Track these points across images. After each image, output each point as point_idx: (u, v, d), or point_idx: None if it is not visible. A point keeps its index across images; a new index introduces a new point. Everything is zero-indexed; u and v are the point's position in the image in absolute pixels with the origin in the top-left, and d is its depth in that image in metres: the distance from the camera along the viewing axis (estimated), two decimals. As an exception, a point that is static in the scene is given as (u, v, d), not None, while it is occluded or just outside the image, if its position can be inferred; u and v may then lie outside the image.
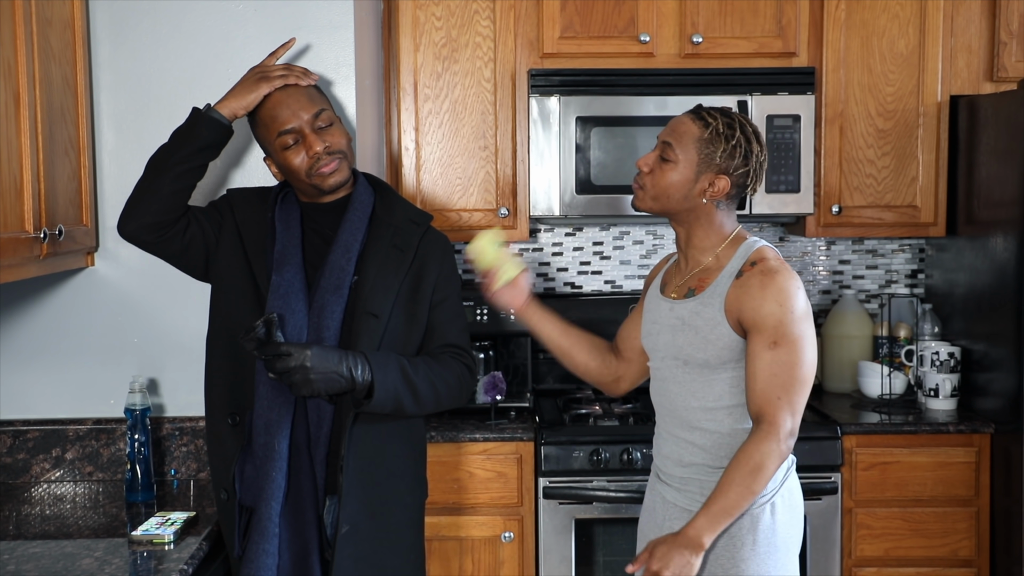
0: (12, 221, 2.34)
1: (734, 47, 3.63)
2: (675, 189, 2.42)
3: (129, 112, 2.93)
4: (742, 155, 2.40)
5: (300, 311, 2.40)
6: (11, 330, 2.94)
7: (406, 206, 2.59)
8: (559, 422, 3.47)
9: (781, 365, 2.31)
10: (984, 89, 3.66)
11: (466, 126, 3.66)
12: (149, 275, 2.93)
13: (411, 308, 2.49)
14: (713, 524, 2.27)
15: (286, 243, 2.46)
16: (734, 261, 2.43)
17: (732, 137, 2.39)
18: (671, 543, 2.25)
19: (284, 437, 2.37)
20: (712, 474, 2.40)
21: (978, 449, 3.40)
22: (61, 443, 2.93)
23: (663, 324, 2.50)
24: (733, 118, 2.42)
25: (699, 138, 2.40)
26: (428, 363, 2.45)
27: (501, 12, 3.62)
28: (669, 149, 2.42)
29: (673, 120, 2.47)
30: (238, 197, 2.59)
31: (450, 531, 3.35)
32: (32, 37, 2.45)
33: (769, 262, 2.39)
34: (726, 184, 2.40)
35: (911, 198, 3.69)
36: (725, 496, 2.27)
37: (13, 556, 2.30)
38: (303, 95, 2.47)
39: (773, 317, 2.32)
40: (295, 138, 2.43)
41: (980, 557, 3.42)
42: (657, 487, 2.55)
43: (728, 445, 2.41)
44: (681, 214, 2.46)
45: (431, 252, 2.54)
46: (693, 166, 2.40)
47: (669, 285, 2.56)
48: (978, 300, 3.57)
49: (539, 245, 4.09)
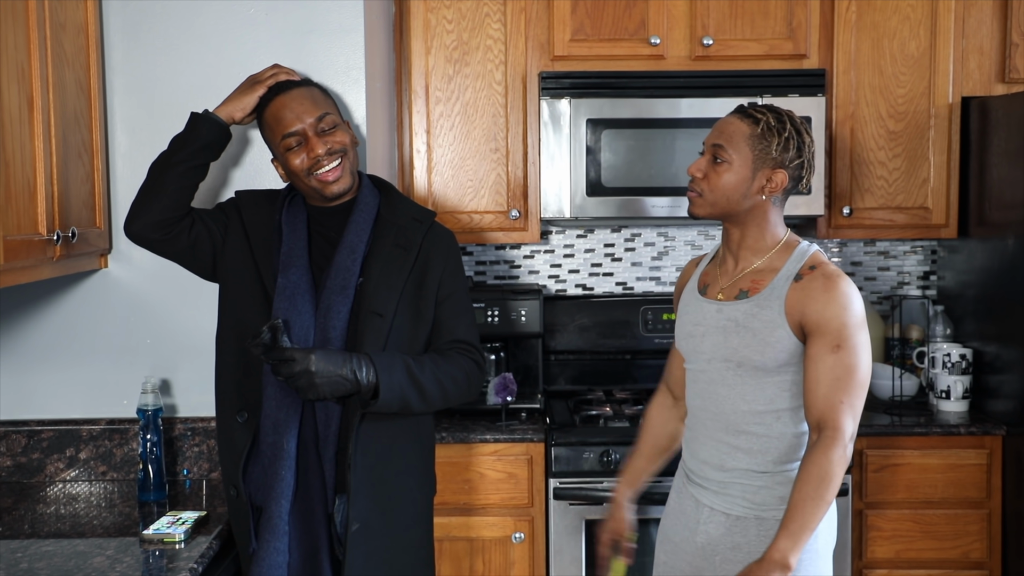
0: (26, 223, 2.37)
1: (744, 49, 3.63)
2: (733, 189, 2.40)
3: (142, 115, 2.95)
4: (795, 147, 2.39)
5: (307, 312, 2.43)
6: (26, 331, 2.97)
7: (409, 205, 2.61)
8: (570, 423, 3.48)
9: (844, 369, 2.29)
10: (996, 90, 3.65)
11: (477, 128, 3.67)
12: (162, 277, 2.96)
13: (417, 305, 2.50)
14: (796, 542, 2.22)
15: (292, 245, 2.49)
16: (790, 264, 2.41)
17: (784, 130, 2.38)
18: (758, 570, 2.22)
19: (292, 436, 2.39)
20: (755, 478, 2.39)
21: (989, 451, 3.40)
22: (75, 443, 2.96)
23: (709, 326, 2.46)
24: (780, 112, 2.42)
25: (751, 135, 2.39)
26: (435, 361, 2.46)
27: (512, 15, 3.64)
28: (721, 150, 2.40)
29: (719, 123, 2.46)
30: (246, 198, 2.62)
31: (461, 531, 3.36)
32: (45, 42, 2.48)
33: (828, 267, 2.38)
34: (784, 177, 2.39)
35: (922, 200, 3.68)
36: (802, 512, 2.23)
37: (26, 554, 2.33)
38: (308, 98, 2.49)
39: (837, 320, 2.30)
40: (298, 140, 2.46)
41: (992, 559, 3.42)
42: (689, 489, 2.53)
43: (775, 449, 2.39)
44: (740, 215, 2.43)
45: (435, 248, 2.56)
46: (749, 164, 2.39)
47: (713, 286, 2.52)
48: (990, 302, 3.57)
49: (551, 247, 4.10)
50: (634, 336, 3.98)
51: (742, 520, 2.40)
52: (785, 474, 2.39)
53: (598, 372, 4.02)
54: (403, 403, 2.38)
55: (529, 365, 3.81)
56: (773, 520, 2.37)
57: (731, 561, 2.40)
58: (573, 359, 4.03)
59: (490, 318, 3.67)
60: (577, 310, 4.00)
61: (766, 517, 2.38)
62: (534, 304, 3.68)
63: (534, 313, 3.69)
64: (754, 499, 2.40)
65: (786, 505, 2.31)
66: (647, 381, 3.97)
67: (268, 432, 2.41)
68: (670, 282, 4.11)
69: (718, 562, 2.42)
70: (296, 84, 2.53)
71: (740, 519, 2.40)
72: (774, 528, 2.35)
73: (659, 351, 3.95)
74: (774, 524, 2.36)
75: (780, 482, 2.39)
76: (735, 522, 2.41)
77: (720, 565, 2.42)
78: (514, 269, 4.10)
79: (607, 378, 4.01)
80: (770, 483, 2.39)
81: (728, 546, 2.41)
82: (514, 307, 3.67)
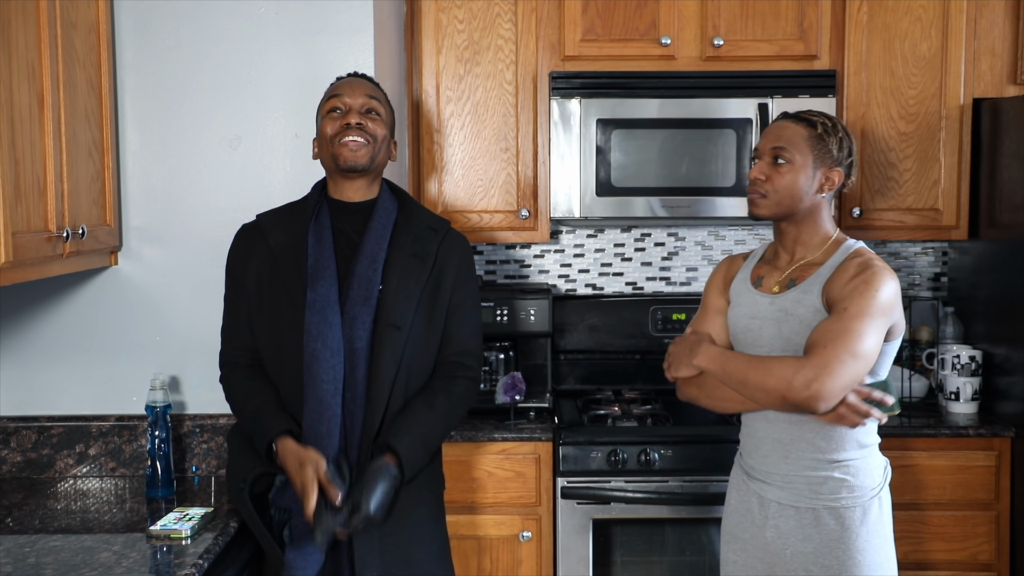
0: (35, 220, 2.38)
1: (755, 50, 3.63)
2: (796, 188, 2.52)
3: (153, 114, 2.98)
4: (847, 146, 2.56)
5: (336, 324, 2.46)
6: (36, 328, 2.99)
7: (424, 213, 2.65)
8: (578, 423, 3.48)
9: (842, 328, 2.34)
10: (1007, 92, 3.64)
11: (488, 128, 3.68)
12: (172, 274, 2.99)
13: (431, 315, 2.55)
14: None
15: (318, 257, 2.52)
16: (836, 256, 2.53)
17: (838, 131, 2.55)
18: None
19: (336, 448, 2.44)
20: (821, 468, 2.46)
21: (998, 453, 3.39)
22: (84, 439, 2.98)
23: (765, 318, 2.54)
24: (828, 116, 2.57)
25: (810, 136, 2.52)
26: (444, 408, 2.52)
27: (523, 15, 3.64)
28: (783, 152, 2.52)
29: (773, 128, 2.58)
30: (268, 222, 2.62)
31: (468, 530, 3.37)
32: (56, 40, 2.50)
33: (870, 258, 2.49)
34: (840, 175, 2.54)
35: (933, 201, 3.68)
36: (737, 357, 2.47)
37: (34, 549, 2.35)
38: (367, 85, 2.61)
39: (855, 293, 2.38)
40: (341, 111, 2.56)
41: (1000, 561, 3.41)
42: (751, 486, 2.58)
43: (837, 435, 2.45)
44: (800, 213, 2.55)
45: (449, 256, 2.60)
46: (810, 163, 2.52)
47: (767, 280, 2.61)
48: (1000, 304, 3.56)
49: (561, 247, 4.11)
50: (644, 336, 3.98)
51: (812, 511, 2.47)
52: (848, 464, 2.46)
53: (607, 372, 4.02)
54: (422, 466, 2.52)
55: (538, 364, 3.81)
56: (844, 508, 2.45)
57: (802, 553, 2.47)
58: (583, 358, 4.03)
59: (499, 317, 3.68)
60: (587, 310, 4.00)
61: (836, 506, 2.45)
62: (543, 304, 3.69)
63: (543, 312, 3.69)
64: (821, 489, 2.46)
65: (854, 493, 2.44)
66: (656, 381, 3.96)
67: (310, 442, 2.45)
68: (680, 282, 4.11)
69: (789, 555, 2.49)
70: (363, 76, 2.67)
71: (810, 510, 2.47)
72: (847, 516, 2.44)
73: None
74: (845, 512, 2.45)
75: (844, 471, 2.46)
76: (804, 514, 2.47)
77: (791, 559, 2.49)
78: (524, 268, 4.11)
79: (616, 378, 4.01)
80: (836, 472, 2.46)
81: (799, 538, 2.48)
82: (523, 307, 3.68)
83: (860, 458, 2.47)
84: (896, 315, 2.45)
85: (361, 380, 2.45)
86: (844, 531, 2.44)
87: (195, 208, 2.99)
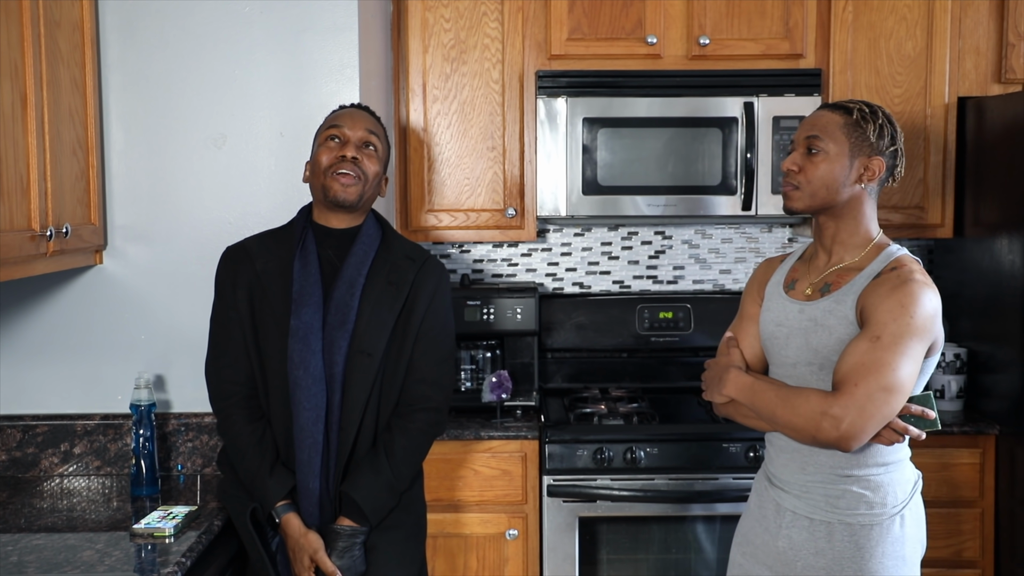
0: (18, 219, 2.39)
1: (741, 49, 3.64)
2: (833, 179, 2.36)
3: (138, 112, 2.98)
4: (890, 134, 2.38)
5: (318, 351, 2.49)
6: (22, 326, 2.99)
7: (403, 243, 2.67)
8: (564, 421, 3.49)
9: (874, 361, 2.19)
10: (992, 91, 3.65)
11: (474, 127, 3.69)
12: (157, 273, 2.99)
13: (402, 343, 2.57)
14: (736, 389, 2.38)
15: (303, 283, 2.53)
16: (875, 264, 2.35)
17: (877, 117, 2.38)
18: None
19: (316, 476, 2.52)
20: (838, 481, 2.34)
21: (983, 451, 3.40)
22: (69, 438, 2.98)
23: (792, 327, 2.41)
24: (867, 103, 2.40)
25: (845, 123, 2.37)
26: (403, 449, 2.55)
27: (509, 14, 3.65)
28: (817, 141, 2.38)
29: (810, 117, 2.44)
30: (256, 247, 2.63)
31: (455, 528, 3.38)
32: (40, 39, 2.51)
33: (909, 270, 2.30)
34: (881, 164, 2.37)
35: (918, 199, 3.69)
36: (767, 390, 2.32)
37: (16, 547, 2.35)
38: (368, 120, 2.63)
39: (888, 315, 2.21)
40: (339, 141, 2.57)
41: (984, 558, 3.42)
42: (771, 493, 2.47)
43: (857, 451, 2.31)
44: (837, 207, 2.39)
45: (424, 284, 2.61)
46: (846, 152, 2.36)
47: (802, 281, 2.47)
48: (985, 302, 3.57)
49: (548, 245, 4.11)
50: (631, 334, 3.99)
51: (826, 525, 2.35)
52: (869, 479, 2.33)
53: (594, 370, 4.03)
54: (393, 505, 2.58)
55: (525, 363, 3.82)
56: (860, 526, 2.32)
57: (813, 567, 2.35)
58: (570, 357, 4.04)
59: (486, 316, 3.68)
60: (574, 308, 4.01)
61: (851, 523, 2.33)
62: (530, 302, 3.70)
63: (530, 311, 3.70)
64: (838, 503, 2.34)
65: (874, 510, 2.31)
66: (643, 379, 3.98)
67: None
68: (667, 281, 4.12)
69: (800, 568, 2.38)
70: (366, 109, 2.68)
71: (824, 524, 2.35)
72: (861, 533, 2.31)
73: (655, 349, 3.97)
74: (861, 530, 2.32)
75: (864, 486, 2.33)
76: (818, 527, 2.36)
77: (802, 572, 2.37)
78: (511, 267, 4.12)
79: (603, 376, 4.02)
80: (854, 487, 2.33)
81: (811, 551, 2.36)
82: (510, 305, 3.68)
83: (883, 473, 2.33)
84: (936, 331, 2.28)
85: (337, 406, 2.50)
86: (857, 550, 2.31)
87: (180, 207, 2.99)
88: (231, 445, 2.57)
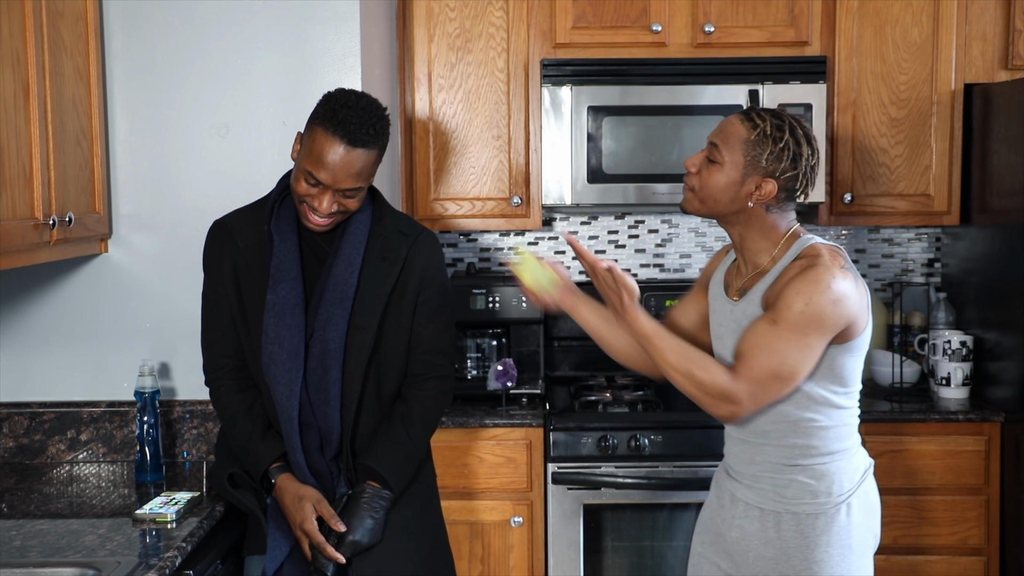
0: (21, 208, 2.41)
1: (746, 36, 3.64)
2: (721, 192, 2.33)
3: (142, 102, 3.00)
4: (790, 158, 2.30)
5: (297, 326, 2.47)
6: (28, 315, 3.02)
7: (396, 217, 2.62)
8: (569, 408, 3.50)
9: (769, 344, 2.23)
10: (999, 77, 3.64)
11: (479, 116, 3.69)
12: (161, 261, 3.01)
13: (399, 317, 2.56)
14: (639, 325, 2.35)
15: (282, 258, 2.49)
16: (786, 257, 2.34)
17: (780, 139, 2.30)
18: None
19: (297, 450, 2.50)
20: (785, 471, 2.35)
21: (988, 438, 3.40)
22: (76, 425, 3.01)
23: (728, 327, 2.42)
24: (783, 120, 2.32)
25: (746, 140, 2.31)
26: (419, 418, 2.56)
27: (514, 2, 3.65)
28: (715, 150, 2.34)
29: (723, 120, 2.40)
30: (237, 224, 2.58)
31: (460, 515, 3.39)
32: (42, 30, 2.52)
33: (816, 255, 2.29)
34: (773, 188, 2.31)
35: (924, 187, 3.68)
36: (664, 341, 2.31)
37: (20, 532, 2.38)
38: (359, 166, 2.38)
39: (788, 300, 2.22)
40: (318, 187, 2.39)
41: (990, 545, 3.42)
42: (726, 484, 2.48)
43: (804, 439, 2.33)
44: (730, 216, 2.38)
45: (417, 256, 2.58)
46: (739, 168, 2.31)
47: (731, 287, 2.47)
48: (991, 289, 3.56)
49: (554, 234, 4.12)
50: (637, 323, 3.98)
51: (775, 515, 2.35)
52: (815, 468, 2.33)
53: (601, 358, 3.95)
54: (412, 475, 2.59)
55: (531, 351, 3.83)
56: (805, 515, 2.33)
57: (763, 557, 2.36)
58: (576, 345, 4.04)
59: (492, 304, 3.69)
60: (580, 297, 4.00)
61: (797, 512, 2.33)
62: (535, 290, 3.70)
63: (535, 299, 3.70)
64: (785, 493, 2.35)
65: (818, 499, 2.32)
66: (650, 367, 3.98)
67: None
68: (674, 269, 4.12)
69: (752, 558, 2.39)
70: (366, 143, 2.39)
71: (773, 514, 2.36)
72: (810, 524, 2.32)
73: (661, 338, 3.96)
74: (807, 519, 2.32)
75: (810, 475, 2.33)
76: (768, 516, 2.36)
77: (754, 562, 2.38)
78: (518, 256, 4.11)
79: (610, 364, 3.97)
80: (800, 476, 2.33)
81: (761, 541, 2.37)
82: (515, 293, 3.68)
83: (829, 462, 2.33)
84: (844, 316, 2.24)
85: (335, 381, 2.49)
86: (803, 540, 2.32)
87: (184, 196, 3.01)
88: (223, 415, 2.58)
